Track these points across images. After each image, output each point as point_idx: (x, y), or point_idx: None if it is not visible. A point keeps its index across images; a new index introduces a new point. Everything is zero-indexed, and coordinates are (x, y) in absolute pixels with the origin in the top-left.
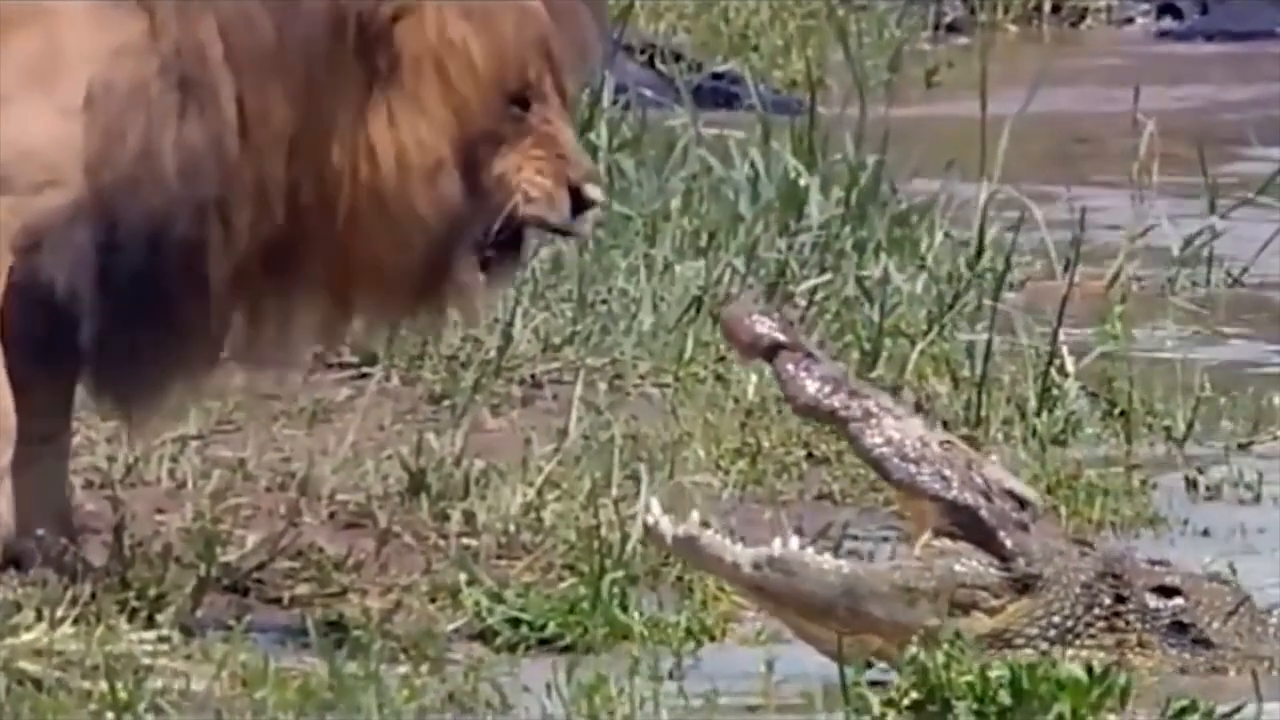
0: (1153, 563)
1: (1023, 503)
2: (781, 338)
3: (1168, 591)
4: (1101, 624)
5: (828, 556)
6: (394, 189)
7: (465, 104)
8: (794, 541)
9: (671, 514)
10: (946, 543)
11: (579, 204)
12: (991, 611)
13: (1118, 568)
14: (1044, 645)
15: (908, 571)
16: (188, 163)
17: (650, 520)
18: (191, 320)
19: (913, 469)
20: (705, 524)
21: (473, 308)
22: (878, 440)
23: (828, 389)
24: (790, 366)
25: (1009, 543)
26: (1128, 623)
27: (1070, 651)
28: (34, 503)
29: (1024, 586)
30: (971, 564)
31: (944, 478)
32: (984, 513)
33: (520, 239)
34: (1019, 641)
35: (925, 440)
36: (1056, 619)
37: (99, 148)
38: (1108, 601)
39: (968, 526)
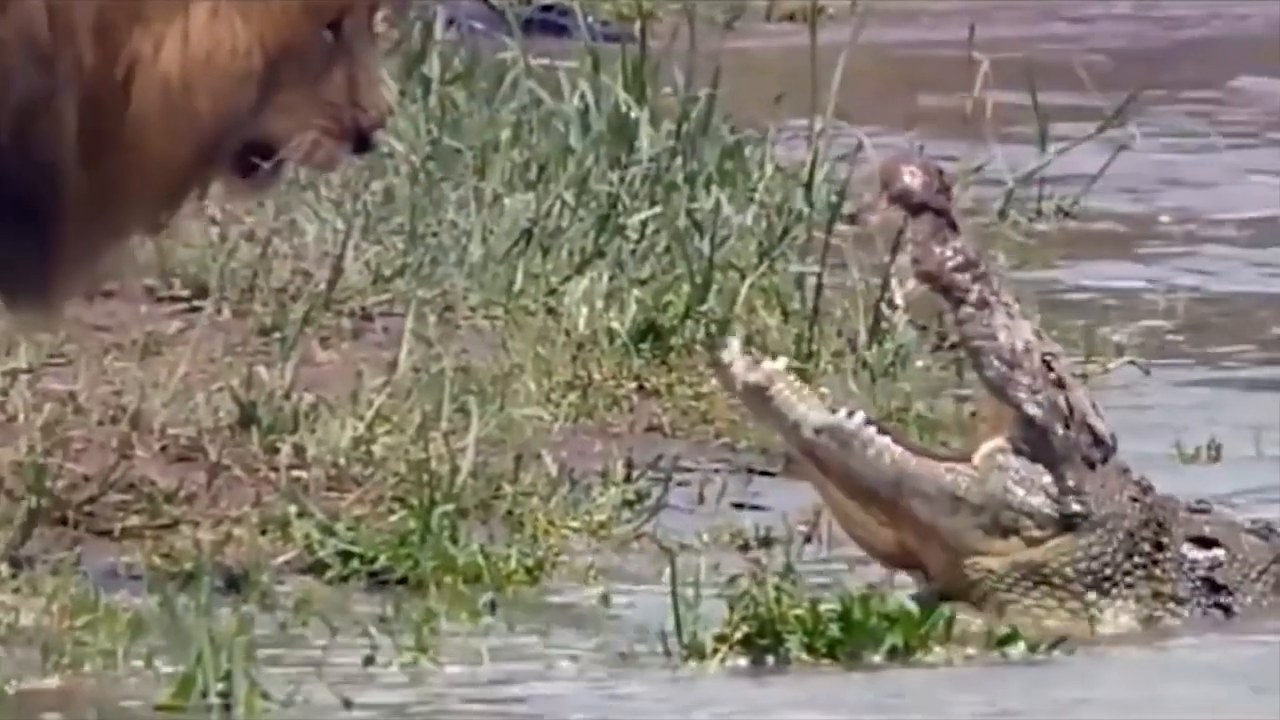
0: (1193, 510)
1: (1099, 440)
2: (927, 199)
3: (1205, 542)
4: (1140, 573)
5: (888, 441)
6: (192, 83)
7: (287, 19)
8: (859, 416)
9: (750, 356)
10: (1009, 459)
11: (362, 147)
12: (1031, 541)
13: (1161, 515)
14: (1080, 590)
15: (960, 479)
16: None
17: (726, 358)
18: (63, 215)
19: (1006, 371)
20: (780, 374)
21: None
22: (982, 330)
23: (955, 262)
24: (926, 229)
25: (1069, 476)
26: (1164, 572)
27: (1105, 601)
28: None
29: (1068, 524)
30: (1024, 488)
31: (1032, 391)
32: (1056, 440)
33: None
34: (1057, 581)
35: (1030, 347)
36: (1095, 565)
37: None
38: (1147, 549)
39: (1037, 446)
